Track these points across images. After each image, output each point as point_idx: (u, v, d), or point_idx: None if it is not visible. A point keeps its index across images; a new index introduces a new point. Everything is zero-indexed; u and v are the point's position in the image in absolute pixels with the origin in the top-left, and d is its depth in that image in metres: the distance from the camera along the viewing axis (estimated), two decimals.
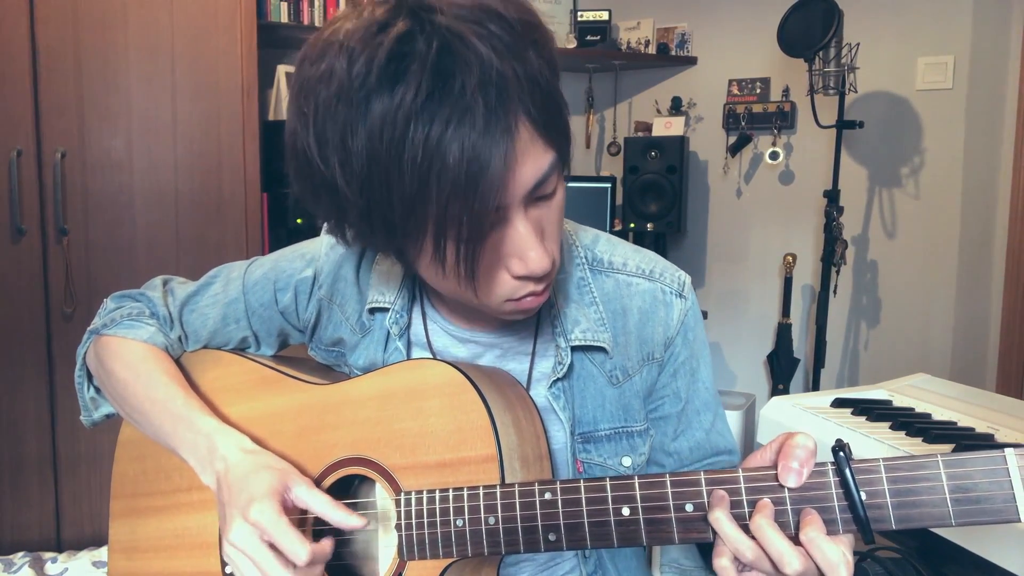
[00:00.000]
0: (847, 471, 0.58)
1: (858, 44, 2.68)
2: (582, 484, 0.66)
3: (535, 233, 0.69)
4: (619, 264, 0.88)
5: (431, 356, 0.87)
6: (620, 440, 0.86)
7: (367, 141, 0.62)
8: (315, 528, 0.80)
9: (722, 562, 0.61)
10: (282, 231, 2.69)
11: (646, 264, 0.88)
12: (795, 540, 0.60)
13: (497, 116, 0.61)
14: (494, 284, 0.72)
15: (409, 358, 0.87)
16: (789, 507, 0.60)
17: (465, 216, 0.62)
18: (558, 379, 0.84)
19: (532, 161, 0.65)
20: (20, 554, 2.21)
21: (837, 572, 0.57)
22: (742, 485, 0.62)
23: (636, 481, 0.64)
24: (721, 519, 0.61)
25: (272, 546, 0.71)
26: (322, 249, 0.92)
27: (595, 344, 0.84)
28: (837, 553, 0.58)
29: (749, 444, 3.04)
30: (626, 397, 0.86)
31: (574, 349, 0.84)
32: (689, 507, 0.63)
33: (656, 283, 0.87)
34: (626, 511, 0.64)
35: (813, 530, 0.58)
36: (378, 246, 0.73)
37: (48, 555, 2.23)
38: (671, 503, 0.63)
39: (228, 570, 0.87)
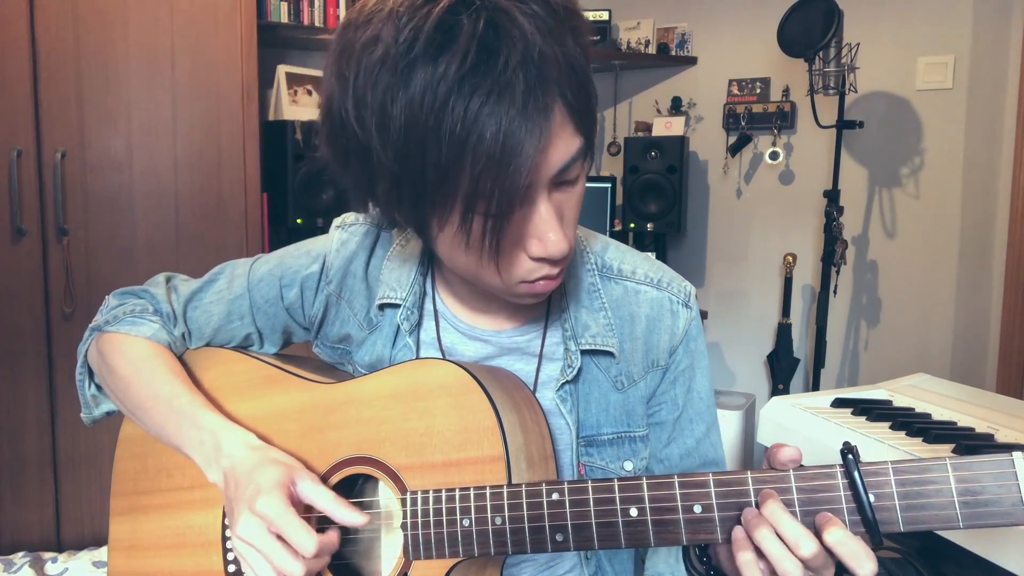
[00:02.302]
0: (856, 473, 0.58)
1: (858, 44, 2.68)
2: (590, 485, 0.66)
3: (556, 216, 0.70)
4: (628, 272, 0.89)
5: (440, 352, 0.88)
6: (622, 444, 0.87)
7: (407, 108, 0.63)
8: (321, 526, 0.80)
9: (745, 556, 0.61)
10: (282, 231, 2.69)
11: (654, 273, 0.90)
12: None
13: (536, 96, 0.61)
14: (512, 263, 0.73)
15: (418, 354, 0.88)
16: (798, 509, 0.61)
17: (496, 191, 0.63)
18: (566, 382, 0.84)
19: (563, 144, 0.67)
20: (20, 554, 2.21)
21: (865, 567, 0.58)
22: (751, 487, 0.62)
23: (644, 482, 0.64)
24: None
25: (280, 538, 0.71)
26: (332, 245, 0.92)
27: (603, 348, 0.85)
28: (861, 548, 0.58)
29: (749, 444, 3.04)
30: (630, 402, 0.87)
31: (583, 353, 0.85)
32: (697, 508, 0.63)
33: (664, 292, 0.89)
34: (634, 512, 0.64)
35: (838, 529, 0.59)
36: (403, 215, 0.73)
37: (48, 555, 2.23)
38: (679, 504, 0.63)
39: (231, 569, 0.87)
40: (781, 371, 3.12)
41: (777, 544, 0.60)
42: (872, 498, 0.58)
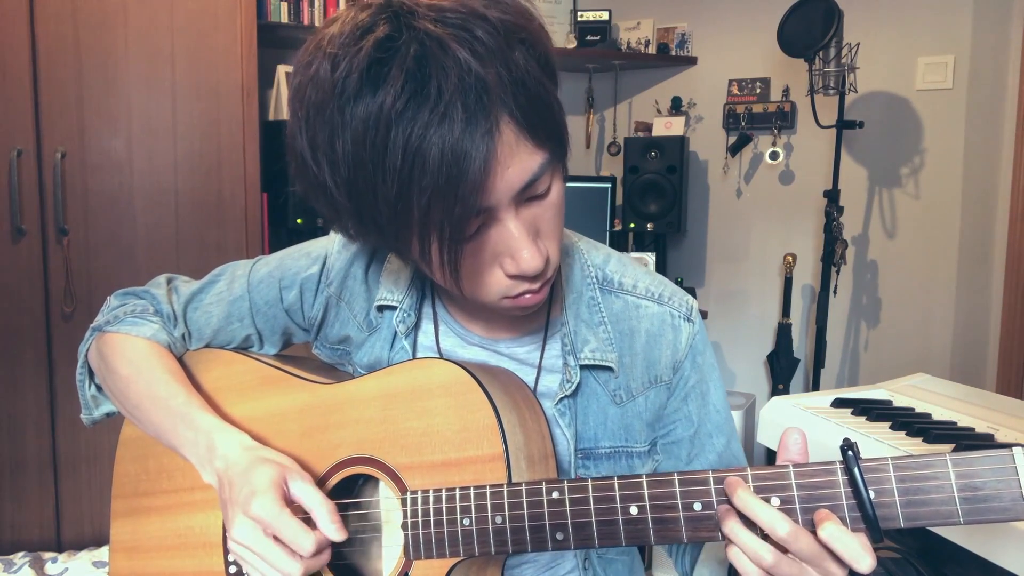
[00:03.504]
0: (856, 470, 0.58)
1: (858, 44, 2.68)
2: (590, 483, 0.66)
3: (527, 233, 0.69)
4: (629, 286, 0.89)
5: (437, 355, 0.88)
6: (620, 459, 0.87)
7: (352, 145, 0.63)
8: None
9: (732, 552, 0.62)
10: (282, 231, 2.69)
11: (655, 287, 0.89)
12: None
13: (476, 119, 0.61)
14: (489, 282, 0.72)
15: (415, 356, 0.87)
16: (798, 506, 0.61)
17: (446, 218, 0.63)
18: (565, 396, 0.84)
19: (519, 162, 0.65)
20: (20, 554, 2.21)
21: (862, 561, 0.58)
22: (750, 484, 0.62)
23: (644, 480, 0.64)
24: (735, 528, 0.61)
25: (277, 539, 0.71)
26: (333, 247, 0.92)
27: (602, 363, 0.84)
28: (857, 543, 0.58)
29: (749, 444, 3.04)
30: (628, 417, 0.86)
31: (582, 368, 0.84)
32: (697, 506, 0.63)
33: (665, 307, 0.88)
34: (634, 510, 0.64)
35: (831, 524, 0.59)
36: (375, 244, 0.75)
37: (48, 555, 2.23)
38: (679, 502, 0.63)
39: (232, 570, 0.87)
40: (781, 371, 3.12)
41: (745, 533, 0.60)
42: (872, 494, 0.58)
